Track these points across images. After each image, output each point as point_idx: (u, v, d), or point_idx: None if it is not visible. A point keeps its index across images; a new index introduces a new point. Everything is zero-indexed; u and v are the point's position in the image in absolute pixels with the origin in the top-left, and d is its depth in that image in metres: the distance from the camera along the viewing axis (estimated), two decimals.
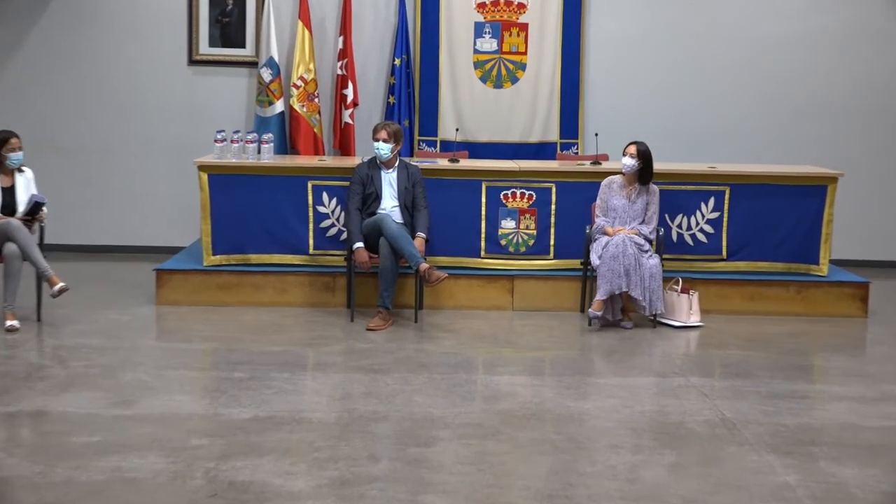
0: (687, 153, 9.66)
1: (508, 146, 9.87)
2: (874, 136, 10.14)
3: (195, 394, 6.06)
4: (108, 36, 9.90)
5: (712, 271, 8.42)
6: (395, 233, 7.54)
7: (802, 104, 10.07)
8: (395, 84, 9.77)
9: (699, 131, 10.04)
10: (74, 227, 9.77)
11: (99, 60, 9.94)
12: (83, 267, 9.25)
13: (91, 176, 10.00)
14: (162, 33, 9.93)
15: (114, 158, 9.99)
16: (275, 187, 8.31)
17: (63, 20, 9.86)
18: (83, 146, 9.96)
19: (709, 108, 10.06)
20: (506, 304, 8.29)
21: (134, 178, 9.99)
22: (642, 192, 7.89)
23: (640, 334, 7.61)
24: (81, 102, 9.96)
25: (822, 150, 9.75)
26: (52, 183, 8.58)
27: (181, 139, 9.72)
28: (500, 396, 6.02)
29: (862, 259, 9.81)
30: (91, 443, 5.04)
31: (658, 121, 9.96)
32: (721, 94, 10.06)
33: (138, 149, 9.97)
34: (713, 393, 6.16)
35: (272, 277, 8.23)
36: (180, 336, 7.40)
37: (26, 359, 6.64)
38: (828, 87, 10.08)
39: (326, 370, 6.59)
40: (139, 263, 9.34)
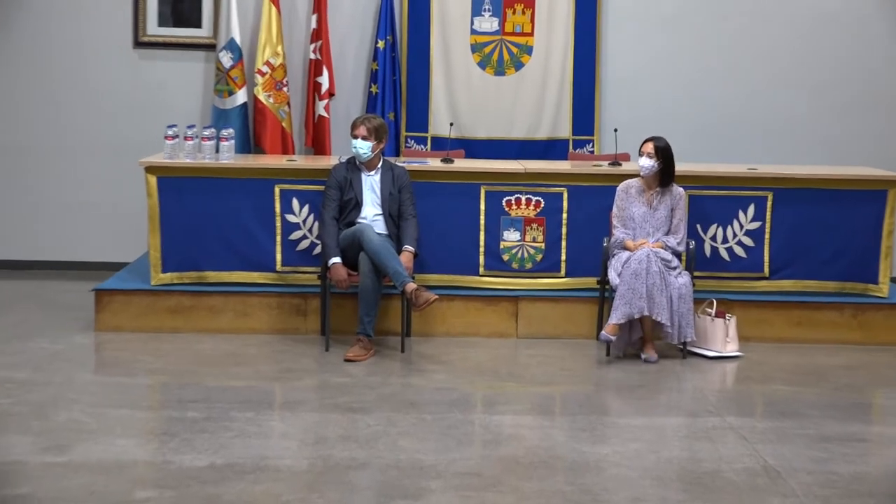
0: (722, 152, 9.69)
1: (512, 144, 9.90)
2: None
3: (141, 437, 6.02)
4: (39, 16, 9.89)
5: (753, 292, 8.44)
6: (377, 246, 7.51)
7: (859, 94, 10.11)
8: (378, 70, 9.78)
9: (736, 127, 10.08)
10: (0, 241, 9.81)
11: (28, 44, 9.92)
12: (9, 286, 9.28)
13: (19, 180, 9.99)
14: (101, 11, 9.93)
15: (46, 159, 9.98)
16: (236, 192, 8.31)
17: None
18: (10, 146, 9.96)
19: (748, 99, 10.10)
20: (509, 331, 8.30)
21: (70, 183, 9.98)
22: (665, 196, 7.90)
23: (668, 366, 7.61)
24: (8, 95, 9.97)
25: (881, 149, 9.79)
26: None
27: (125, 136, 9.73)
28: (503, 440, 6.02)
29: None
30: (18, 496, 5.02)
31: (688, 114, 10.00)
32: (763, 82, 10.11)
33: (75, 148, 9.96)
34: (754, 436, 6.15)
35: (233, 299, 8.23)
36: (123, 369, 7.35)
37: None
38: (889, 73, 10.12)
39: (297, 409, 6.56)
40: (75, 282, 9.34)
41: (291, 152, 9.66)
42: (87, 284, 8.55)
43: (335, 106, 9.83)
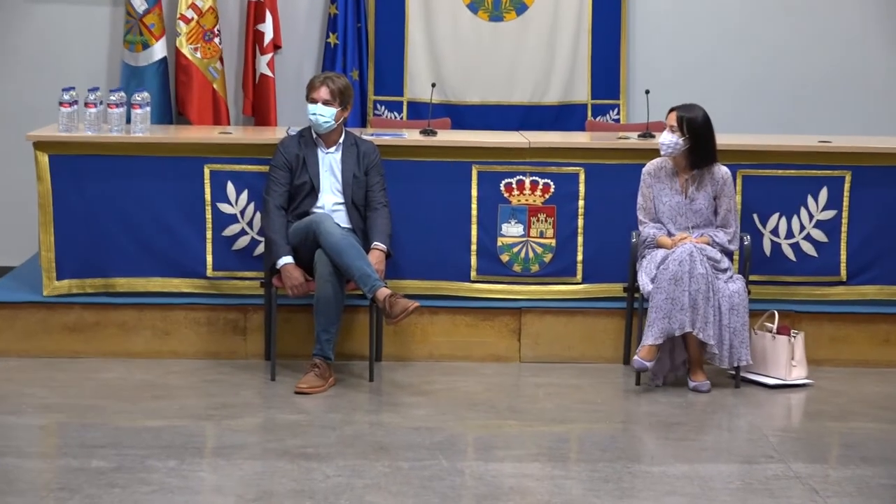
0: (784, 121, 9.79)
1: (513, 110, 9.96)
2: None
3: (31, 494, 5.99)
4: None
5: (826, 300, 8.50)
6: (338, 242, 7.50)
7: None
8: (339, 16, 9.81)
9: (799, 87, 10.17)
10: None
11: None
12: None
13: None
14: None
15: None
16: (154, 175, 8.31)
17: None
18: None
19: (819, 54, 10.15)
20: (510, 353, 8.34)
21: None
22: (704, 180, 7.88)
23: (717, 398, 7.64)
24: None
25: None
26: None
27: (9, 103, 9.78)
28: (502, 495, 5.99)
29: None
30: None
31: (740, 72, 10.10)
32: (836, 29, 10.16)
33: None
34: (826, 488, 6.14)
35: (150, 313, 8.25)
36: (7, 405, 7.32)
37: None
38: None
39: (234, 456, 6.50)
40: None
41: (226, 123, 9.70)
42: None
43: (282, 62, 9.86)
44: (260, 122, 9.71)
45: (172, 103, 9.69)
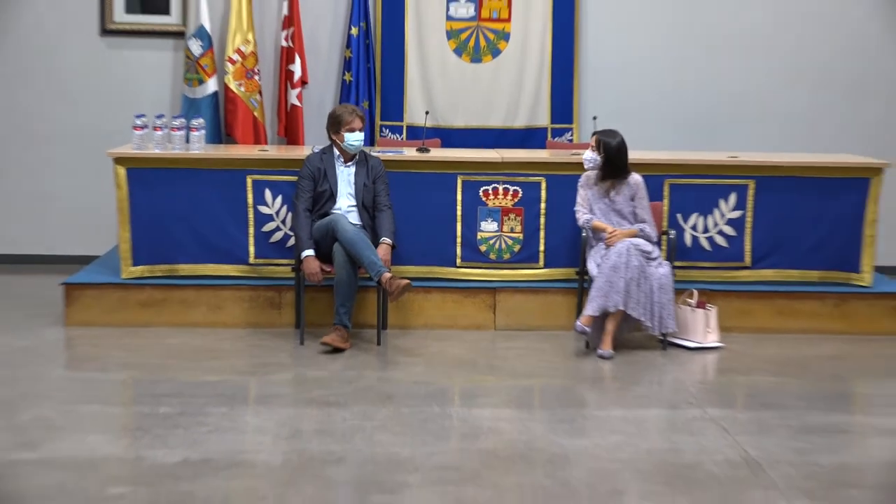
0: (703, 140, 9.77)
1: (489, 132, 9.93)
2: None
3: (113, 433, 6.01)
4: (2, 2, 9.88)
5: (734, 281, 8.50)
6: (352, 237, 7.52)
7: (840, 80, 10.18)
8: (352, 58, 9.80)
9: (718, 113, 10.14)
10: None
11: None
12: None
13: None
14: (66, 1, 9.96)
15: (12, 150, 9.99)
16: (207, 183, 8.31)
17: None
18: None
19: (730, 85, 10.15)
20: (487, 323, 8.34)
21: (36, 174, 9.99)
22: (622, 187, 7.92)
23: (648, 358, 7.66)
24: None
25: (864, 136, 9.87)
26: None
27: (93, 126, 9.74)
28: (481, 433, 6.02)
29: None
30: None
31: (670, 102, 10.06)
32: (746, 68, 10.17)
33: (42, 138, 9.97)
34: (735, 427, 6.18)
35: (205, 292, 8.24)
36: (94, 364, 7.34)
37: None
38: (871, 60, 10.18)
39: (272, 403, 6.55)
40: (44, 276, 9.34)
41: (264, 142, 9.68)
42: (56, 278, 8.53)
43: (308, 95, 9.85)
44: (290, 141, 9.70)
45: (222, 127, 9.68)
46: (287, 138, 9.79)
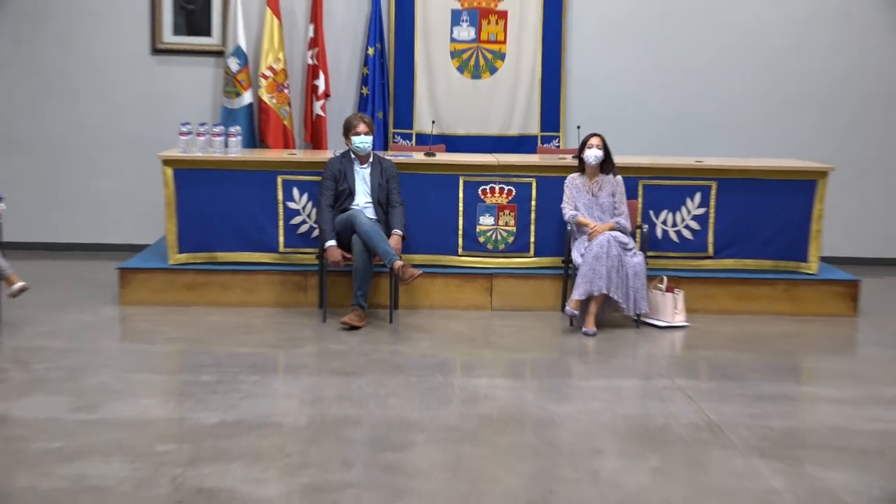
0: (672, 146, 9.73)
1: (487, 139, 9.91)
2: (866, 128, 10.22)
3: (161, 397, 6.05)
4: (66, 25, 9.86)
5: (698, 269, 8.48)
6: (368, 230, 7.53)
7: (792, 94, 10.15)
8: (369, 74, 9.79)
9: (685, 123, 10.11)
10: (34, 225, 9.80)
11: (57, 51, 9.89)
12: (44, 266, 9.24)
13: (51, 171, 9.99)
14: (123, 21, 9.90)
15: (75, 153, 9.98)
16: (243, 182, 8.30)
17: (16, 8, 9.83)
18: (43, 141, 9.94)
19: (695, 99, 10.13)
20: (484, 304, 8.33)
21: (96, 174, 9.98)
22: (605, 184, 7.97)
23: (623, 335, 7.65)
24: (40, 96, 9.93)
25: (812, 143, 9.84)
26: (11, 179, 8.59)
27: (145, 133, 9.71)
28: (479, 399, 6.04)
29: (853, 256, 9.91)
30: (53, 449, 5.05)
31: (643, 113, 10.04)
32: (708, 83, 10.13)
33: (100, 143, 9.96)
34: (698, 395, 6.19)
35: (241, 276, 8.23)
36: (145, 338, 7.38)
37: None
38: (819, 76, 10.15)
39: (297, 373, 6.58)
40: (102, 262, 9.33)
41: (292, 147, 9.67)
42: (112, 264, 8.55)
43: (330, 106, 9.82)
44: (315, 147, 9.69)
45: (256, 134, 9.66)
46: (312, 144, 9.79)
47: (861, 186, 10.07)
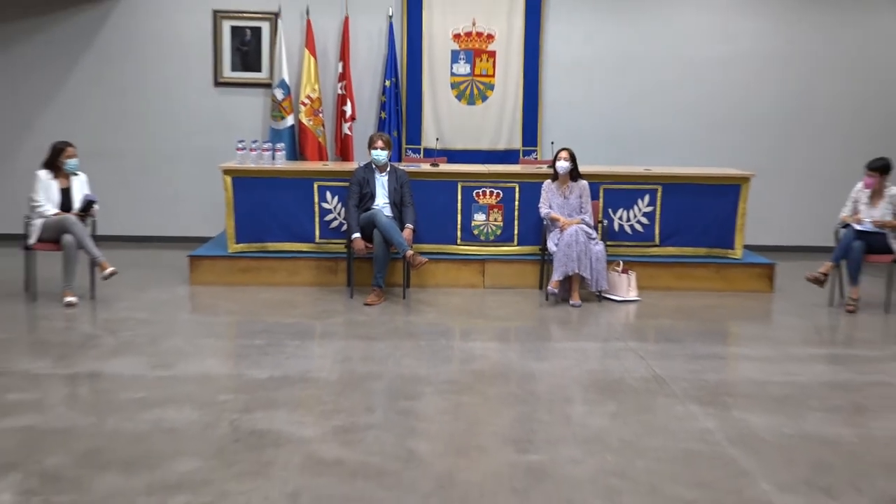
0: (627, 158, 9.71)
1: (479, 153, 9.89)
2: (780, 143, 10.23)
3: (222, 358, 6.06)
4: (147, 63, 9.87)
5: (647, 255, 8.45)
6: (386, 225, 7.53)
7: (721, 116, 10.15)
8: (386, 102, 9.78)
9: (637, 139, 10.09)
10: (121, 221, 9.78)
11: (140, 83, 9.91)
12: (129, 254, 9.22)
13: (135, 178, 9.99)
14: (191, 60, 9.90)
15: (154, 164, 9.99)
16: (286, 187, 8.27)
17: (109, 51, 9.84)
18: (128, 154, 9.95)
19: (645, 120, 10.11)
20: (478, 283, 8.29)
21: (170, 180, 9.99)
22: (574, 188, 7.96)
23: (588, 307, 7.63)
24: (127, 118, 9.94)
25: (737, 155, 9.81)
26: (103, 184, 8.56)
27: (208, 148, 9.70)
28: (474, 359, 6.03)
29: (770, 245, 9.89)
30: (136, 399, 5.06)
31: (603, 131, 10.03)
32: (655, 108, 10.12)
33: (172, 155, 9.97)
34: (647, 355, 6.20)
35: (285, 262, 8.21)
36: (209, 311, 7.37)
37: (82, 330, 6.64)
38: (743, 102, 10.16)
39: (330, 338, 6.57)
40: (175, 251, 9.30)
41: (325, 159, 9.66)
42: (183, 252, 8.54)
43: (356, 127, 9.80)
44: (344, 159, 9.67)
45: (297, 149, 9.65)
46: (341, 157, 9.77)
47: (777, 188, 10.05)
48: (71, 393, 5.25)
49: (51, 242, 7.34)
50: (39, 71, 9.83)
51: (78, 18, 9.78)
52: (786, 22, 10.05)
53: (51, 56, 9.81)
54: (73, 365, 5.72)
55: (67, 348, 6.09)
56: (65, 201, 7.45)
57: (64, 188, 7.47)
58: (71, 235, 7.23)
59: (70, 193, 7.49)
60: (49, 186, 7.42)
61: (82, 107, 9.89)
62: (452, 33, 9.84)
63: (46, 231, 7.33)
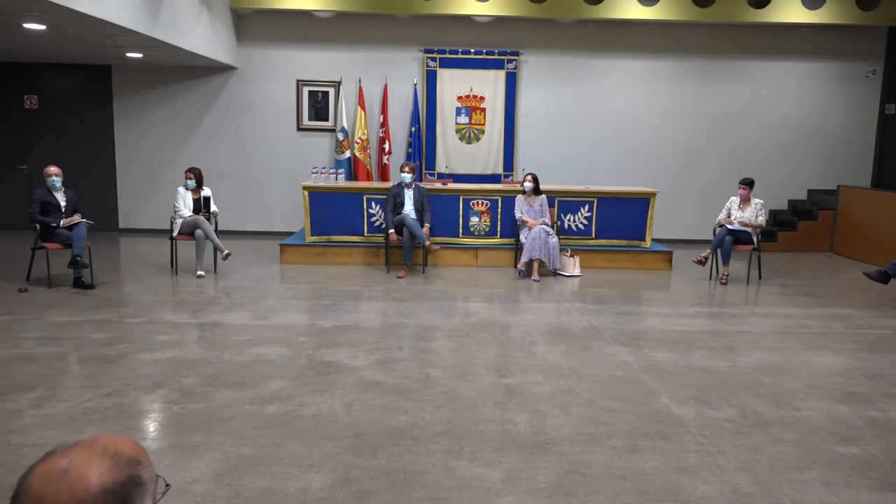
0: (574, 180, 9.64)
1: (475, 176, 9.80)
2: (676, 171, 10.11)
3: (302, 312, 6.02)
4: (251, 115, 9.80)
5: (587, 245, 8.38)
6: (411, 224, 7.50)
7: (637, 152, 10.04)
8: (412, 141, 9.70)
9: (581, 167, 9.97)
10: (236, 220, 9.74)
11: (248, 129, 9.83)
12: (239, 243, 9.20)
13: (245, 193, 9.90)
14: (281, 113, 9.81)
15: (257, 183, 9.90)
16: (345, 199, 8.22)
17: (226, 106, 9.77)
18: (241, 177, 9.87)
19: (587, 154, 10.00)
20: (473, 264, 8.24)
21: (267, 193, 9.91)
22: (537, 200, 7.91)
23: (547, 281, 7.59)
24: (239, 152, 9.87)
25: (647, 178, 9.74)
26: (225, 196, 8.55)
27: (293, 173, 9.63)
28: (470, 314, 6.02)
29: (669, 238, 9.81)
30: (244, 340, 5.06)
31: (560, 161, 9.94)
32: (593, 146, 10.01)
33: (271, 177, 9.89)
34: (586, 312, 6.17)
35: (344, 249, 8.15)
36: (293, 281, 7.33)
37: (208, 293, 6.63)
38: (651, 142, 10.04)
39: (373, 300, 6.54)
40: (271, 241, 9.28)
41: (371, 180, 9.61)
42: (276, 242, 8.55)
43: (392, 159, 9.74)
44: (383, 180, 9.62)
45: (352, 173, 9.61)
46: (382, 178, 9.71)
47: (673, 201, 9.95)
48: (200, 336, 5.26)
49: (187, 235, 7.33)
50: (181, 121, 9.81)
51: (206, 85, 9.76)
52: (679, 88, 9.94)
53: (186, 110, 9.78)
54: (201, 317, 5.72)
55: (197, 306, 6.09)
56: (196, 207, 7.45)
57: (196, 198, 7.46)
58: (201, 230, 7.22)
59: (200, 201, 7.47)
60: (185, 196, 7.42)
61: (211, 144, 9.84)
62: (457, 96, 9.76)
63: (185, 227, 7.32)
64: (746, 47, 9.86)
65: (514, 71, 9.73)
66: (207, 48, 8.32)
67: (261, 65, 9.71)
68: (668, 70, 9.91)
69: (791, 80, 9.96)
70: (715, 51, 9.86)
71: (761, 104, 9.99)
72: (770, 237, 9.60)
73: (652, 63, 9.88)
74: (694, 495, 3.04)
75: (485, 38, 9.71)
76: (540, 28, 9.73)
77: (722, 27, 9.69)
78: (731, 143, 10.12)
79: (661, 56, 9.87)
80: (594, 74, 9.93)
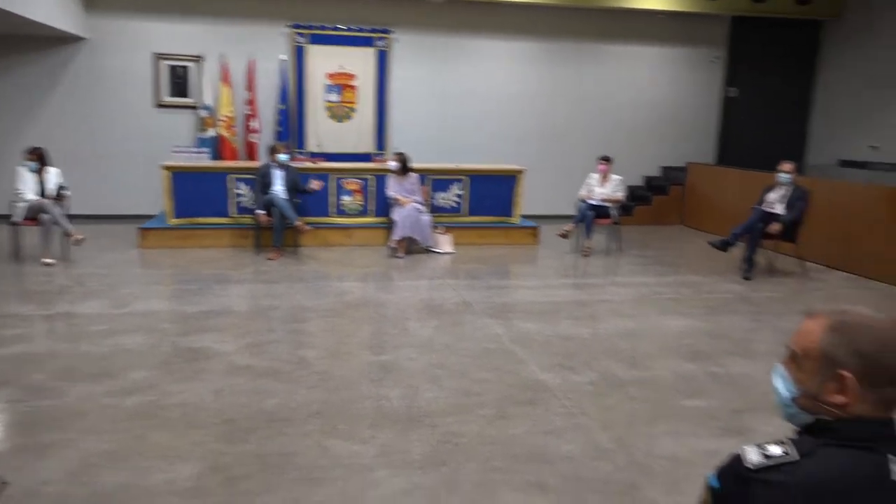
0: (445, 157, 9.71)
1: (346, 155, 9.64)
2: (542, 149, 10.44)
3: (165, 298, 5.75)
4: (104, 90, 9.11)
5: (459, 222, 8.52)
6: (281, 204, 7.31)
7: (506, 131, 10.29)
8: (281, 119, 9.40)
9: (452, 146, 10.08)
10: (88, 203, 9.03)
11: (101, 106, 9.13)
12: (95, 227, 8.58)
13: (98, 174, 9.21)
14: (138, 89, 9.19)
15: (112, 163, 9.25)
16: (210, 179, 7.87)
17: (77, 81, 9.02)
18: (94, 157, 9.17)
19: (457, 133, 10.11)
20: (347, 242, 8.16)
21: (123, 174, 9.29)
22: (408, 178, 7.95)
23: (420, 258, 7.65)
24: (92, 130, 9.16)
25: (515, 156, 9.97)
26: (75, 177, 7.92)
27: (151, 152, 9.05)
28: (344, 293, 5.97)
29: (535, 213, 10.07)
30: (100, 330, 4.76)
31: (431, 140, 9.98)
32: (463, 125, 10.14)
33: (126, 157, 9.26)
34: (458, 287, 6.29)
35: (210, 231, 7.83)
36: (155, 266, 6.95)
37: (58, 282, 6.14)
38: (519, 122, 10.31)
39: (242, 283, 6.34)
40: (129, 225, 8.71)
41: (237, 159, 9.24)
42: (132, 226, 8.06)
43: (261, 137, 9.41)
44: (250, 159, 9.26)
45: (217, 152, 9.17)
46: (249, 158, 9.34)
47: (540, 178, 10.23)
48: (50, 328, 4.88)
49: (32, 220, 6.74)
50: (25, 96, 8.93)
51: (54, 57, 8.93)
52: (547, 70, 10.26)
53: (30, 84, 8.92)
54: (52, 307, 5.30)
55: (46, 295, 5.64)
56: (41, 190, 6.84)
57: (40, 181, 6.85)
58: (48, 214, 6.65)
59: (44, 184, 6.88)
60: (27, 178, 6.79)
61: (62, 125, 9.04)
62: (327, 73, 9.54)
63: (29, 212, 6.72)
64: (609, 31, 10.34)
65: (386, 49, 9.65)
66: (50, 16, 7.61)
67: (114, 36, 9.03)
68: (536, 52, 10.20)
69: (647, 64, 10.57)
70: (580, 34, 10.27)
71: (621, 86, 10.54)
72: (626, 211, 10.20)
73: (521, 44, 10.13)
74: (559, 454, 3.21)
75: (354, 14, 9.55)
76: (411, 6, 9.70)
77: (587, 11, 10.08)
78: (594, 123, 10.62)
79: (530, 38, 10.14)
80: (466, 54, 10.04)
